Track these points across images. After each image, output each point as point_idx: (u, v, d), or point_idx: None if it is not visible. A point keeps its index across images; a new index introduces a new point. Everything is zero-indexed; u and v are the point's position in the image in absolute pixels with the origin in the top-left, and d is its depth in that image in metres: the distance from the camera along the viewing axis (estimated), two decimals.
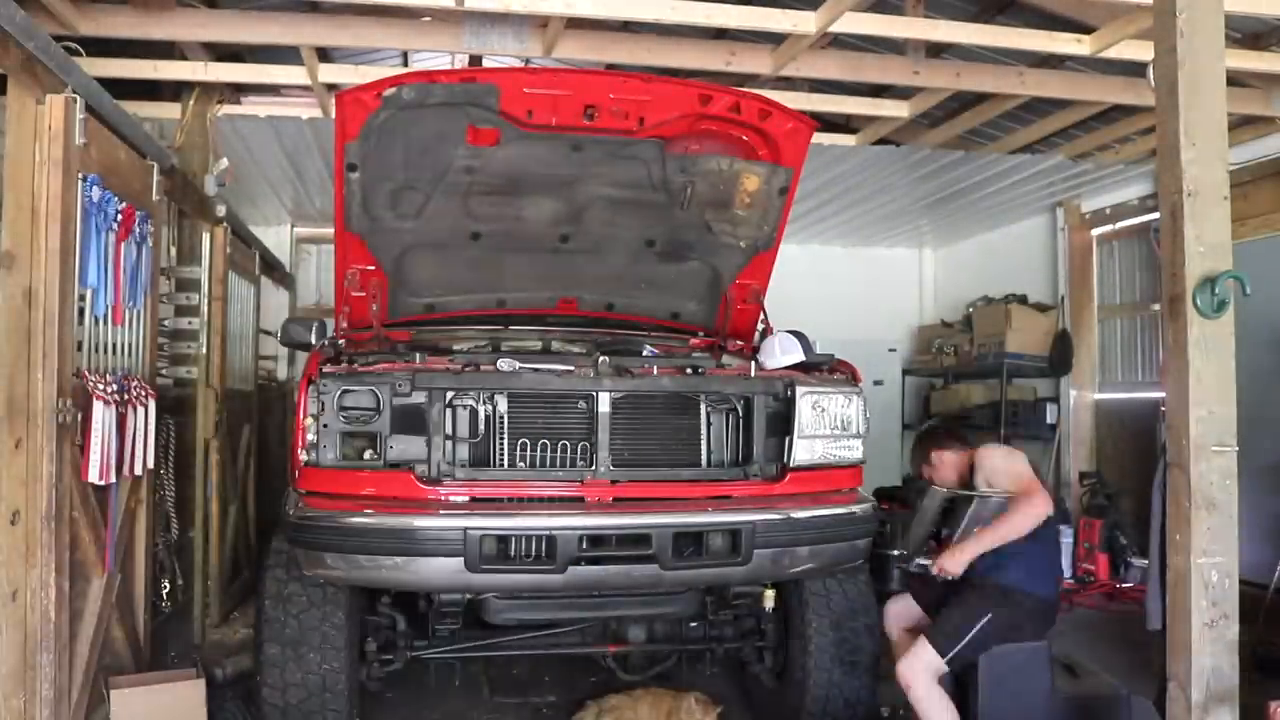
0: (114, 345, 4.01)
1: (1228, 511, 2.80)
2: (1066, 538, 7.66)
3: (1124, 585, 7.22)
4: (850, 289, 10.40)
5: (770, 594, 4.06)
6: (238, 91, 6.41)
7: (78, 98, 3.53)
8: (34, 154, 3.40)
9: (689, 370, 3.90)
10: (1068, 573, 7.57)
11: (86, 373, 3.69)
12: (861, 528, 3.82)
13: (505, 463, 3.63)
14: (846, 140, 7.11)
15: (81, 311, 3.72)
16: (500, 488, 3.58)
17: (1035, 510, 3.76)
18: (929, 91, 6.10)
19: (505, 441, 3.65)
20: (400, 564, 3.32)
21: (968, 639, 3.66)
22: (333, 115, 4.03)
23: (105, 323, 3.90)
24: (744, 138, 4.16)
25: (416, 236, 4.31)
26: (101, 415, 3.66)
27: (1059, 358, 8.30)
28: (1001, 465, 3.96)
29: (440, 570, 3.35)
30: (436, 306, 4.72)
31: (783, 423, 3.79)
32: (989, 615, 3.68)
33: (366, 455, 3.48)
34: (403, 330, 4.47)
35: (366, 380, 3.48)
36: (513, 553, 3.44)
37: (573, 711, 4.37)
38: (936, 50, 5.86)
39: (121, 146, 4.07)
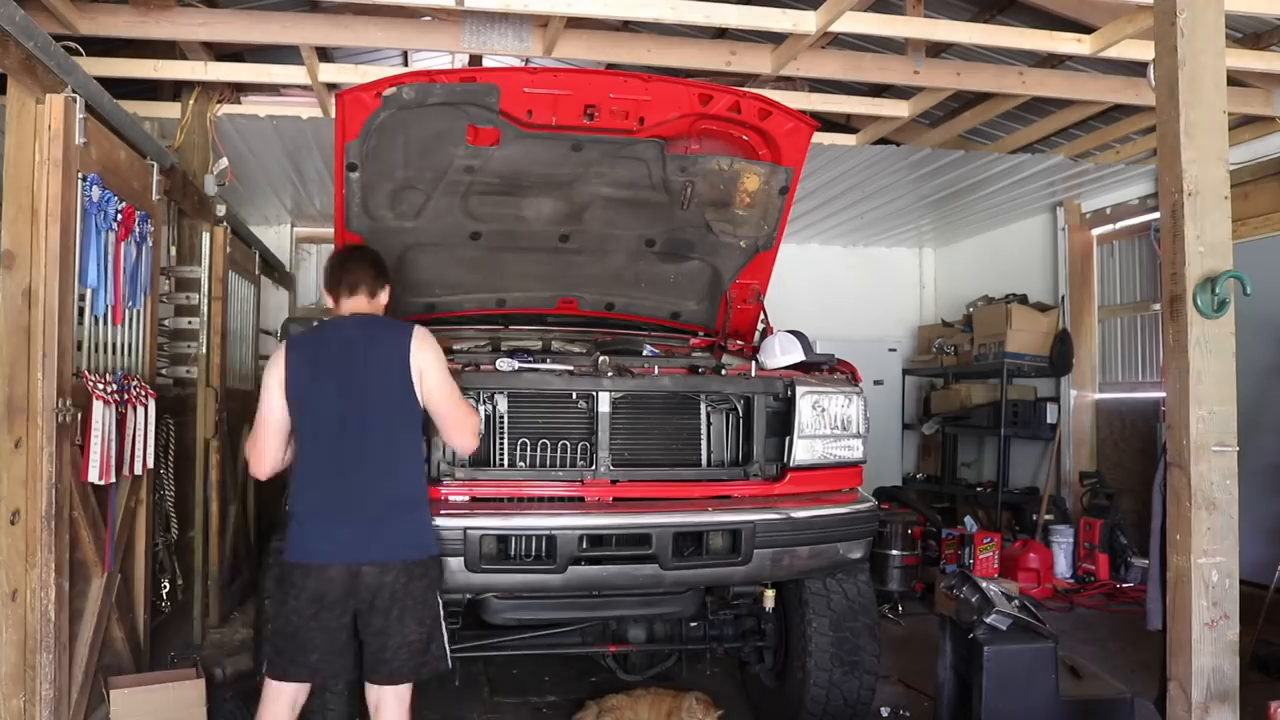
0: (114, 345, 4.00)
1: (1228, 511, 2.80)
2: (1067, 537, 7.67)
3: (1124, 585, 7.22)
4: (850, 289, 10.41)
5: (770, 594, 4.05)
6: (238, 91, 6.40)
7: (77, 97, 3.52)
8: (34, 153, 3.39)
9: (689, 370, 3.89)
10: (1068, 572, 7.58)
11: (86, 372, 3.68)
12: (862, 528, 3.82)
13: (505, 462, 3.64)
14: (847, 140, 7.11)
15: (81, 311, 3.71)
16: (500, 487, 3.58)
17: None
18: (929, 91, 6.10)
19: (505, 441, 3.65)
20: None
21: None
22: (333, 115, 4.02)
23: (105, 322, 3.89)
24: (744, 137, 4.16)
25: (417, 236, 4.31)
26: (101, 415, 3.66)
27: (1059, 357, 8.29)
28: None
29: None
30: (437, 306, 4.72)
31: (783, 422, 3.79)
32: None
33: None
34: None
35: None
36: (513, 552, 3.44)
37: (573, 711, 4.36)
38: (937, 50, 5.86)
39: (121, 146, 4.06)
